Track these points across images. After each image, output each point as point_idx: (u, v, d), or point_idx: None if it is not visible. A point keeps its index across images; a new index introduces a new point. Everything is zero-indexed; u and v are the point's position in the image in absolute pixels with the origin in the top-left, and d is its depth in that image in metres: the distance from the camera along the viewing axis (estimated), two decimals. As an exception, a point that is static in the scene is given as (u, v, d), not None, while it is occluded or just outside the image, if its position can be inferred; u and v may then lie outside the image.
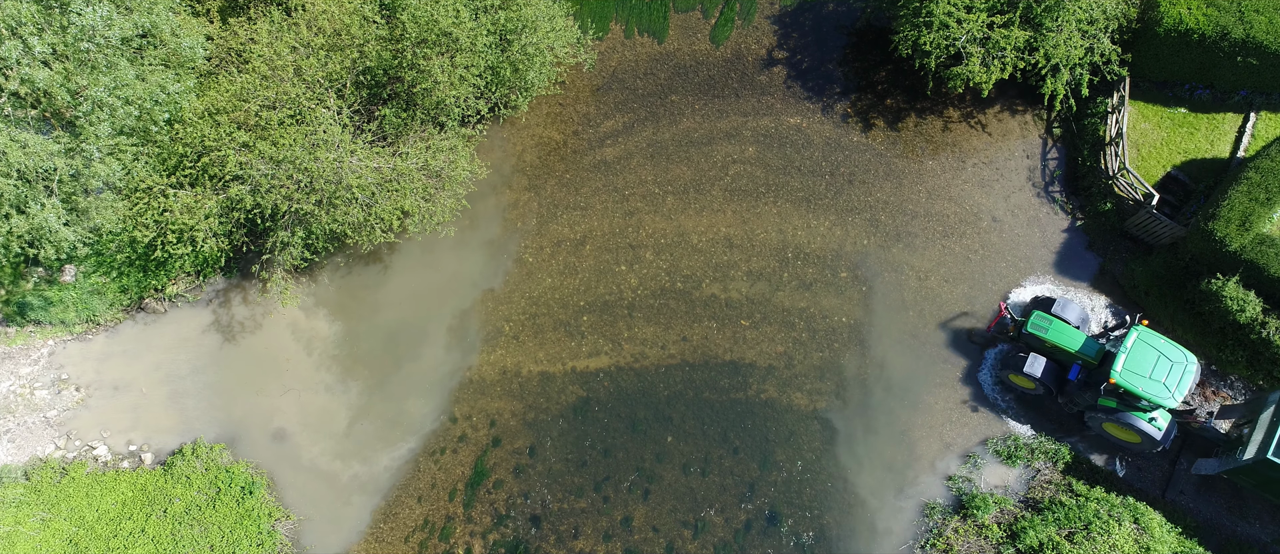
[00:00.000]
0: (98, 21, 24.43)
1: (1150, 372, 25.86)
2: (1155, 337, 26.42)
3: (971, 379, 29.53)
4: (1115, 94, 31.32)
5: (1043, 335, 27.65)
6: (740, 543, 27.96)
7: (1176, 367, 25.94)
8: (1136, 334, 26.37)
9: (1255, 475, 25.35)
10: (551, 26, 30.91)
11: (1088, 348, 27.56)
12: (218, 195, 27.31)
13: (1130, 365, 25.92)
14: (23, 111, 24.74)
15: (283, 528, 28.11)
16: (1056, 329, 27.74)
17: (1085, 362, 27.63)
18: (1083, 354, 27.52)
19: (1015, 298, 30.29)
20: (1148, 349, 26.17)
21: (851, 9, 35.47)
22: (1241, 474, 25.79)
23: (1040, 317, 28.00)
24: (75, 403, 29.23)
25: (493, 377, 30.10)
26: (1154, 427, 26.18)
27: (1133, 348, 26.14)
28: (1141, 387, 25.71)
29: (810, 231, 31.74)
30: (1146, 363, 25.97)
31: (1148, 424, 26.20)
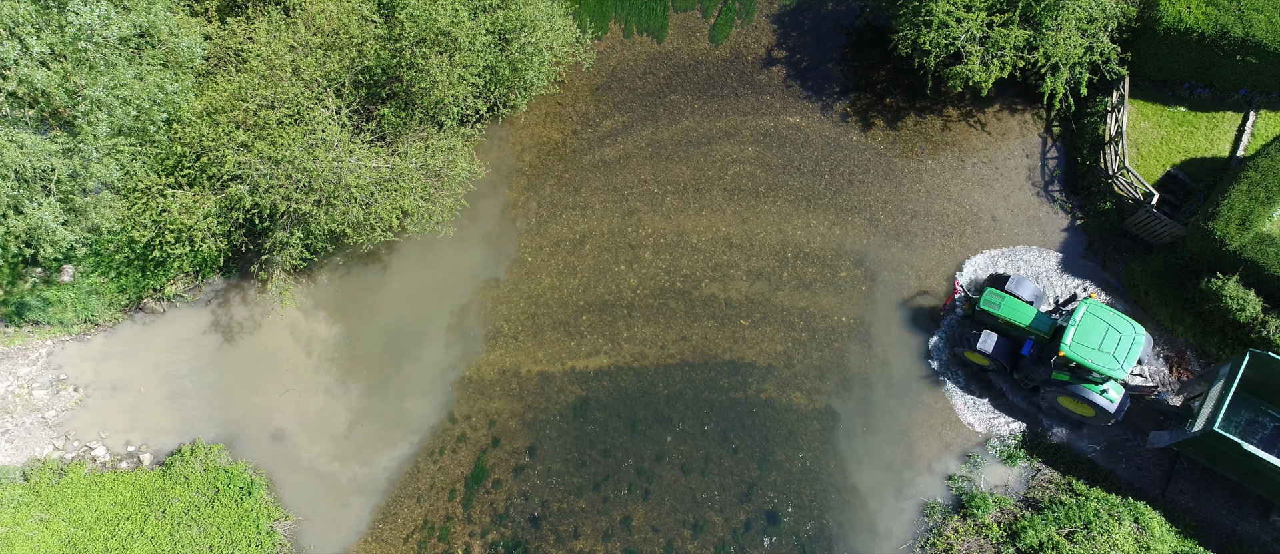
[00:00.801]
0: (95, 21, 24.37)
1: (1099, 344, 25.97)
2: (1104, 309, 26.56)
3: (975, 379, 29.53)
4: (1115, 93, 31.30)
5: (995, 311, 27.86)
6: (739, 543, 27.92)
7: (1125, 338, 26.07)
8: (1085, 307, 26.53)
9: (1203, 448, 25.55)
10: (550, 26, 30.86)
11: (1039, 323, 27.72)
12: (216, 195, 27.26)
13: (1079, 338, 26.07)
14: (20, 111, 24.67)
15: (282, 528, 28.06)
16: (1008, 305, 27.92)
17: (1038, 336, 27.85)
18: (1035, 329, 27.70)
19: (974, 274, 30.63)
20: (1097, 322, 26.34)
21: (850, 8, 35.44)
22: (1190, 447, 25.96)
23: (993, 293, 28.21)
24: (73, 403, 29.17)
25: (492, 377, 30.06)
26: (1106, 399, 26.36)
27: (1082, 321, 26.29)
28: (1091, 358, 25.87)
29: (810, 231, 31.71)
30: (1095, 335, 26.09)
31: (1100, 397, 26.37)
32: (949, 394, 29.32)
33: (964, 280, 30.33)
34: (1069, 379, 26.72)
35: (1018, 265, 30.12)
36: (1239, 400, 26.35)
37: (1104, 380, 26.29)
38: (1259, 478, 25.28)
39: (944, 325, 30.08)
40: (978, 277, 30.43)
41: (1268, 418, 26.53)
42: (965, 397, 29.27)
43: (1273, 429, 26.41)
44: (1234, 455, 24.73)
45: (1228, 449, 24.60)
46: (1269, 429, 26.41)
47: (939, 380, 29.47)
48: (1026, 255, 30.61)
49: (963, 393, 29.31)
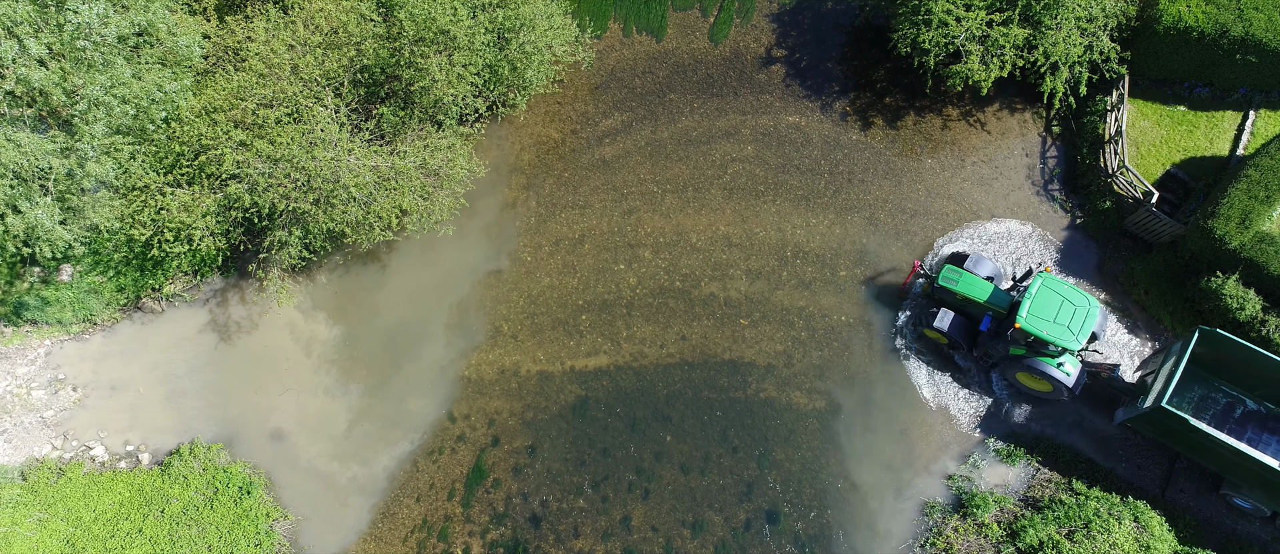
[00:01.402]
0: (94, 20, 24.32)
1: (1054, 316, 26.34)
2: (1059, 282, 26.92)
3: (940, 357, 29.52)
4: (1114, 92, 31.28)
5: (953, 288, 28.18)
6: (739, 542, 27.90)
7: (1080, 310, 26.43)
8: (1041, 280, 26.89)
9: (1154, 423, 25.82)
10: (550, 25, 30.82)
11: (997, 298, 28.05)
12: (215, 194, 27.22)
13: (1035, 310, 26.46)
14: (18, 110, 24.61)
15: (281, 528, 28.02)
16: (966, 281, 28.24)
17: (995, 312, 28.14)
18: (992, 305, 28.02)
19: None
20: (1052, 294, 26.72)
21: (850, 7, 35.40)
22: (1142, 422, 26.25)
23: (951, 270, 28.54)
24: (72, 403, 29.12)
25: (491, 376, 30.02)
26: (1062, 373, 26.68)
27: (1037, 293, 26.68)
28: (1046, 330, 26.23)
29: (809, 230, 31.68)
30: (1051, 308, 26.46)
31: (1057, 370, 26.69)
32: (912, 372, 29.56)
33: (925, 259, 30.77)
34: (1026, 353, 27.14)
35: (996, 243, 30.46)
36: (1193, 377, 26.82)
37: (1060, 353, 26.67)
38: (1209, 453, 25.49)
39: (906, 302, 30.43)
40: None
41: (1220, 394, 26.89)
42: (927, 373, 29.58)
43: (1224, 405, 26.79)
44: (1183, 431, 24.93)
45: (1176, 425, 24.84)
46: (1221, 405, 26.80)
47: (905, 357, 29.69)
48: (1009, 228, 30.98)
49: (928, 370, 29.60)
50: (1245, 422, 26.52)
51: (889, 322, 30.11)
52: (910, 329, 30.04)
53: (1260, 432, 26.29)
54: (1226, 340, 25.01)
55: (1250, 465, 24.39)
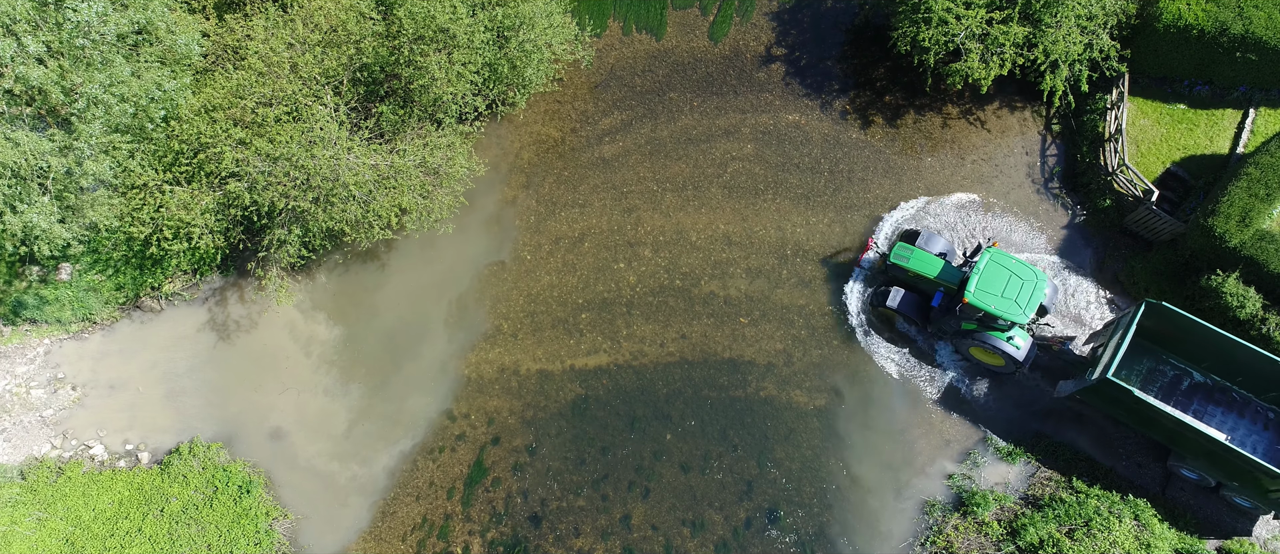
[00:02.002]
0: (93, 18, 24.29)
1: (1002, 290, 26.72)
2: (1007, 257, 27.20)
3: (975, 376, 29.50)
4: (1114, 90, 31.26)
5: (904, 265, 28.53)
6: (740, 541, 27.88)
7: (1027, 284, 26.77)
8: (989, 255, 27.21)
9: (1101, 395, 26.11)
10: (549, 23, 30.78)
11: (947, 275, 28.34)
12: (214, 192, 27.19)
13: (983, 285, 26.82)
14: (17, 109, 24.58)
15: (280, 527, 28.00)
16: (917, 258, 28.56)
17: (946, 288, 28.45)
18: (943, 281, 28.33)
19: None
20: (999, 269, 27.03)
21: (850, 6, 35.37)
22: (1090, 395, 26.51)
23: (902, 247, 28.86)
24: (71, 402, 29.08)
25: (491, 375, 29.99)
26: (1012, 346, 27.22)
27: (985, 268, 27.01)
28: (993, 304, 26.60)
29: (809, 229, 31.65)
30: (998, 282, 26.81)
31: (1007, 344, 27.21)
32: (870, 347, 29.86)
33: (880, 237, 31.04)
34: (977, 328, 27.49)
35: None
36: (1140, 351, 27.25)
37: (1010, 327, 27.05)
38: (1154, 425, 25.95)
39: (857, 278, 30.78)
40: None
41: (1168, 367, 27.32)
42: (886, 348, 29.90)
43: (1172, 377, 27.22)
44: (1129, 403, 25.34)
45: (1122, 397, 25.23)
46: (1168, 378, 27.24)
47: (867, 333, 30.03)
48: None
49: (885, 345, 29.94)
50: (1191, 394, 27.01)
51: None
52: (866, 305, 30.38)
53: (1206, 403, 26.84)
54: (1172, 313, 25.44)
55: (1194, 437, 24.94)
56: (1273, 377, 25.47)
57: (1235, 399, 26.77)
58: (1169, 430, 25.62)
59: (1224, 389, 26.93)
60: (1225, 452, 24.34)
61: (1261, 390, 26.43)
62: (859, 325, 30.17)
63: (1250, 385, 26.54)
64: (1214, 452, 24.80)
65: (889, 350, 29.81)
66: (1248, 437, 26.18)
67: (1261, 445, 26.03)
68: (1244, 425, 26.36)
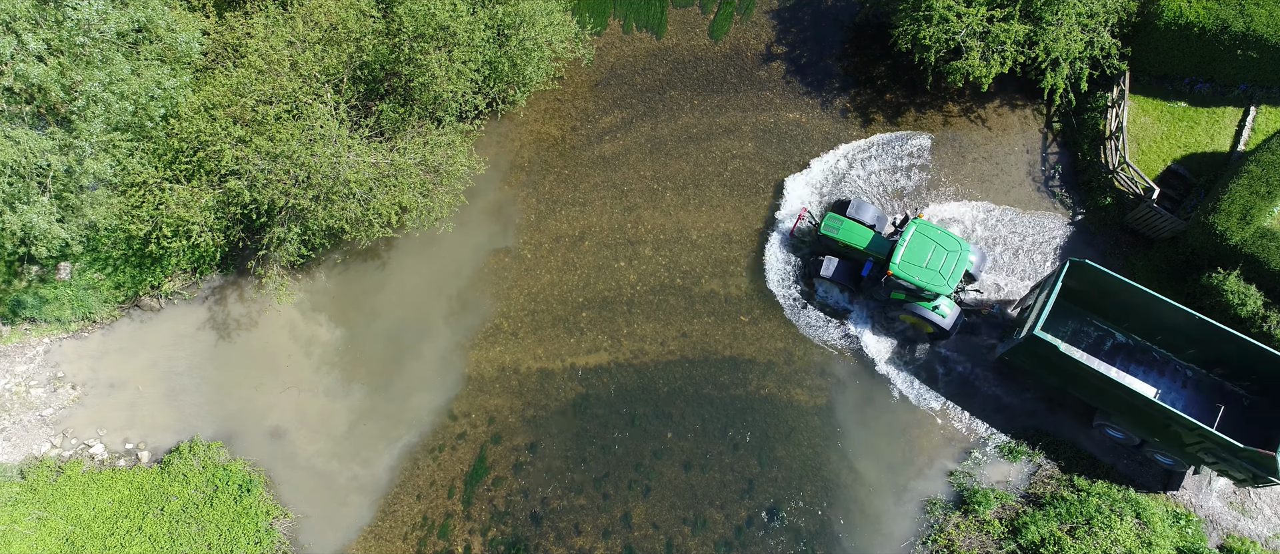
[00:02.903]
0: (93, 16, 24.26)
1: (926, 261, 27.28)
2: (932, 228, 27.72)
3: (977, 376, 29.48)
4: (1115, 88, 31.24)
5: (835, 235, 29.05)
6: (741, 539, 27.85)
7: (951, 255, 27.36)
8: (914, 227, 27.69)
9: (1029, 354, 26.63)
10: (549, 21, 30.74)
11: (876, 245, 28.79)
12: (214, 190, 27.14)
13: (908, 256, 27.39)
14: (16, 107, 24.53)
15: (281, 526, 27.95)
16: (847, 228, 29.06)
17: (876, 258, 28.85)
18: (872, 251, 28.80)
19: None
20: (925, 240, 27.57)
21: (850, 4, 35.33)
22: (1019, 354, 27.02)
23: (833, 217, 29.38)
24: (71, 401, 29.03)
25: (492, 373, 29.96)
26: (939, 315, 27.92)
27: (910, 240, 27.55)
28: (918, 276, 27.21)
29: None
30: (923, 253, 27.38)
31: (933, 313, 27.88)
32: (802, 314, 30.23)
33: (814, 207, 31.46)
34: (905, 298, 27.92)
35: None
36: (1066, 312, 28.05)
37: (936, 297, 27.48)
38: (1079, 383, 26.55)
39: (792, 245, 31.12)
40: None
41: (1091, 328, 28.15)
42: (817, 317, 30.30)
43: (1096, 338, 28.07)
44: (1054, 360, 25.95)
45: (1048, 354, 25.81)
46: (1092, 338, 28.10)
47: (802, 305, 30.37)
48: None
49: (817, 313, 30.36)
50: (1114, 354, 27.93)
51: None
52: (800, 275, 30.71)
53: (1128, 363, 27.75)
54: (1095, 271, 26.04)
55: (1117, 393, 25.56)
56: (1190, 335, 26.23)
57: (1155, 359, 27.71)
58: (1094, 388, 26.29)
59: (1145, 349, 27.84)
60: (1147, 407, 25.08)
61: (1179, 350, 27.35)
62: (784, 294, 30.61)
63: (1169, 345, 27.45)
64: (1137, 408, 25.57)
65: (821, 320, 30.33)
66: (1167, 394, 27.30)
67: (1180, 402, 27.09)
68: (1164, 384, 27.41)
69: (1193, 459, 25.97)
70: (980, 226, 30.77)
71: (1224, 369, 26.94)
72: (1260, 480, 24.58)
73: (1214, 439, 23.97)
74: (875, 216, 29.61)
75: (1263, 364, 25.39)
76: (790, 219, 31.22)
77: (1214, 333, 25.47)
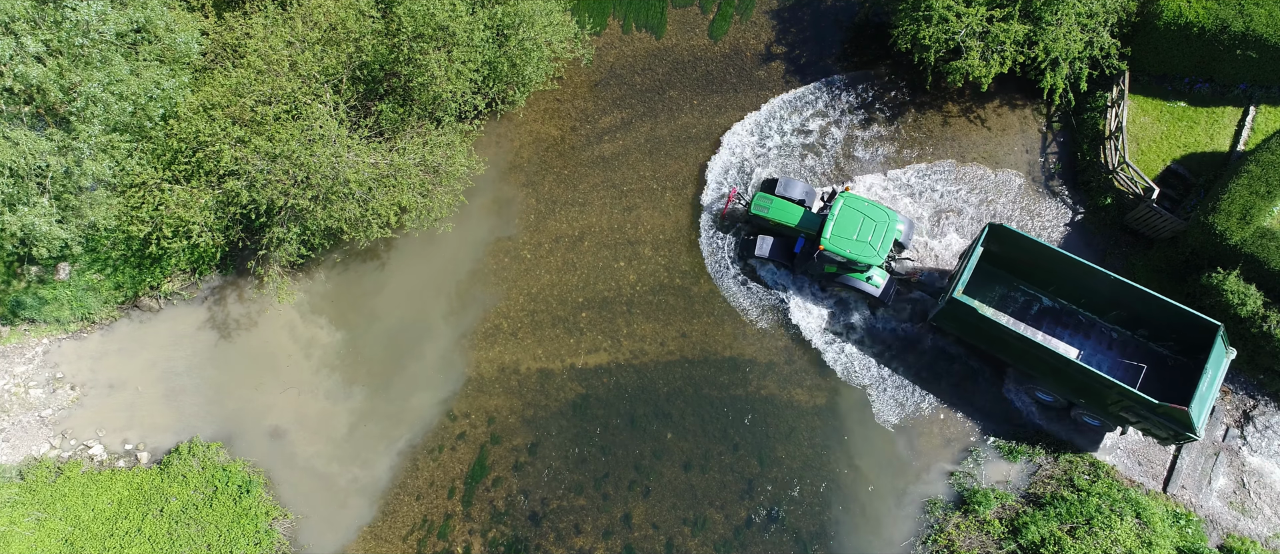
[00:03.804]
0: (93, 17, 24.21)
1: (856, 234, 27.86)
2: (860, 201, 28.38)
3: (976, 375, 29.49)
4: (1115, 88, 31.24)
5: (766, 214, 29.49)
6: (741, 540, 27.84)
7: (880, 226, 27.98)
8: (843, 201, 28.29)
9: (955, 319, 27.34)
10: (549, 21, 30.72)
11: (807, 221, 29.31)
12: (213, 190, 27.11)
13: (837, 230, 28.01)
14: (15, 107, 24.49)
15: (280, 526, 27.93)
16: (777, 207, 29.55)
17: (807, 234, 29.34)
18: (804, 227, 29.30)
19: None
20: (853, 213, 28.21)
21: (850, 4, 35.32)
22: (945, 319, 27.74)
23: (763, 196, 29.82)
24: (70, 401, 29.00)
25: (492, 374, 29.94)
26: (871, 285, 28.76)
27: (839, 214, 28.15)
28: (848, 249, 27.82)
29: (809, 227, 31.61)
30: (852, 226, 27.99)
31: (866, 283, 28.74)
32: (733, 294, 30.69)
33: (742, 187, 31.82)
34: (837, 271, 28.40)
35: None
36: (993, 278, 28.75)
37: (868, 267, 27.94)
38: (1003, 346, 27.36)
39: (727, 228, 31.48)
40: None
41: (1018, 293, 28.83)
42: (753, 292, 30.83)
43: (1022, 303, 28.73)
44: (976, 323, 26.87)
45: (969, 317, 26.75)
46: (1019, 303, 28.75)
47: (742, 282, 30.69)
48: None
49: (752, 289, 30.85)
50: (1041, 318, 28.58)
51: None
52: (736, 254, 31.05)
53: (1055, 326, 28.41)
54: (1013, 234, 26.83)
55: (1039, 355, 26.26)
56: (1111, 297, 26.99)
57: (1082, 321, 28.36)
58: (1018, 351, 26.93)
59: (1071, 312, 28.48)
60: (1066, 367, 25.73)
61: (1103, 311, 27.98)
62: (740, 271, 31.00)
63: (1093, 308, 28.10)
64: (1060, 370, 26.03)
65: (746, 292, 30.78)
66: (1093, 356, 27.90)
67: (1106, 363, 27.73)
68: (1090, 345, 28.09)
69: (1117, 419, 26.73)
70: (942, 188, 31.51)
71: (1147, 330, 27.55)
72: (1181, 438, 25.51)
73: (1132, 397, 24.84)
74: (804, 192, 30.11)
75: (1183, 323, 26.09)
76: (721, 202, 31.70)
77: (1132, 293, 26.34)
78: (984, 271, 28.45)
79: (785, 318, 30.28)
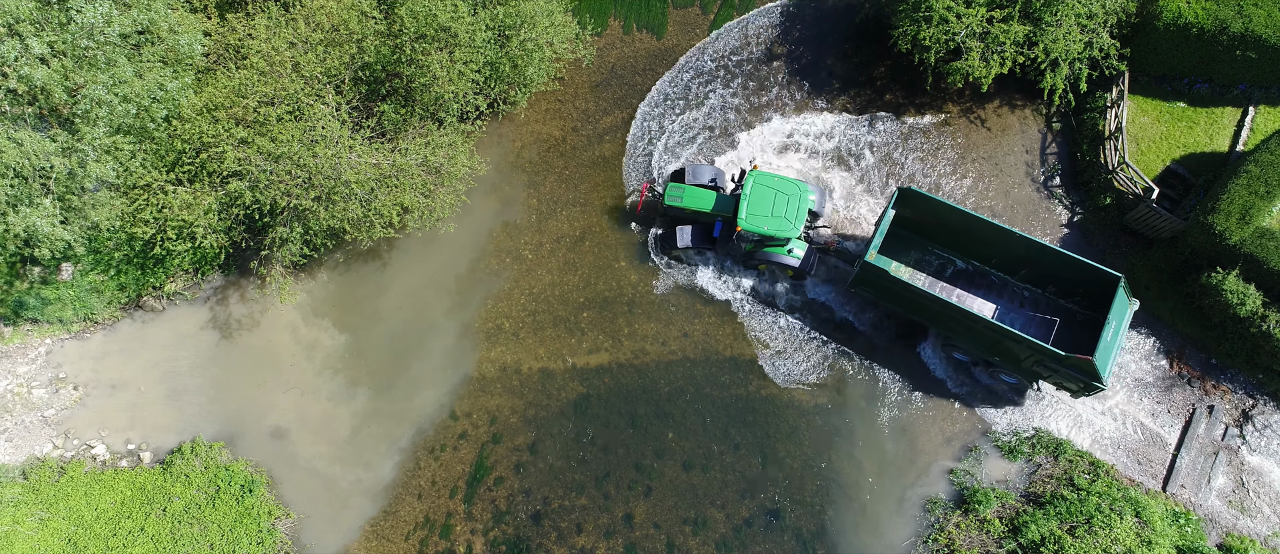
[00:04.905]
0: (98, 19, 24.28)
1: (770, 210, 28.36)
2: (770, 177, 28.89)
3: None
4: (1114, 88, 31.34)
5: (680, 204, 29.82)
6: (742, 539, 27.92)
7: (793, 199, 28.56)
8: (753, 179, 28.70)
9: (870, 283, 27.93)
10: (550, 22, 30.80)
11: (720, 205, 29.67)
12: (216, 191, 27.18)
13: (752, 209, 28.47)
14: (19, 109, 24.56)
15: (282, 526, 28.00)
16: (690, 195, 29.89)
17: (723, 217, 29.70)
18: (718, 211, 29.64)
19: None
20: (765, 190, 28.68)
21: (850, 4, 35.40)
22: (862, 285, 28.66)
23: (674, 188, 30.10)
24: (73, 401, 29.07)
25: (493, 374, 30.01)
26: (792, 257, 29.26)
27: (751, 193, 28.62)
28: (766, 226, 28.27)
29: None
30: (766, 203, 28.48)
31: (786, 256, 29.21)
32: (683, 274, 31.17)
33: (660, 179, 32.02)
34: (755, 247, 29.33)
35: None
36: (909, 243, 29.59)
37: (786, 240, 28.18)
38: (918, 308, 28.08)
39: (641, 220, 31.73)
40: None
41: (934, 256, 29.76)
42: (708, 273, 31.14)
43: (937, 266, 29.71)
44: (889, 285, 27.62)
45: (882, 279, 27.45)
46: (934, 266, 29.72)
47: (667, 267, 30.96)
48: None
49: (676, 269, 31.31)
50: (956, 279, 29.52)
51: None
52: (658, 247, 31.28)
53: (970, 287, 29.38)
54: (921, 197, 27.56)
55: (955, 315, 27.09)
56: (1019, 256, 27.86)
57: (994, 281, 29.32)
58: (935, 313, 27.72)
59: (984, 273, 29.41)
60: (974, 324, 26.71)
61: (1015, 271, 28.84)
62: (667, 263, 31.30)
63: (1005, 267, 28.93)
64: (975, 329, 27.02)
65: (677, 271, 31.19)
66: (1006, 314, 28.87)
67: (1019, 321, 28.69)
68: (1003, 304, 29.05)
69: (1031, 375, 27.32)
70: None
71: (1056, 287, 28.46)
72: (1092, 389, 26.23)
73: (1041, 351, 25.55)
74: (713, 175, 30.45)
75: (1088, 278, 26.95)
76: (635, 196, 31.96)
77: (1039, 250, 27.14)
78: (899, 236, 29.18)
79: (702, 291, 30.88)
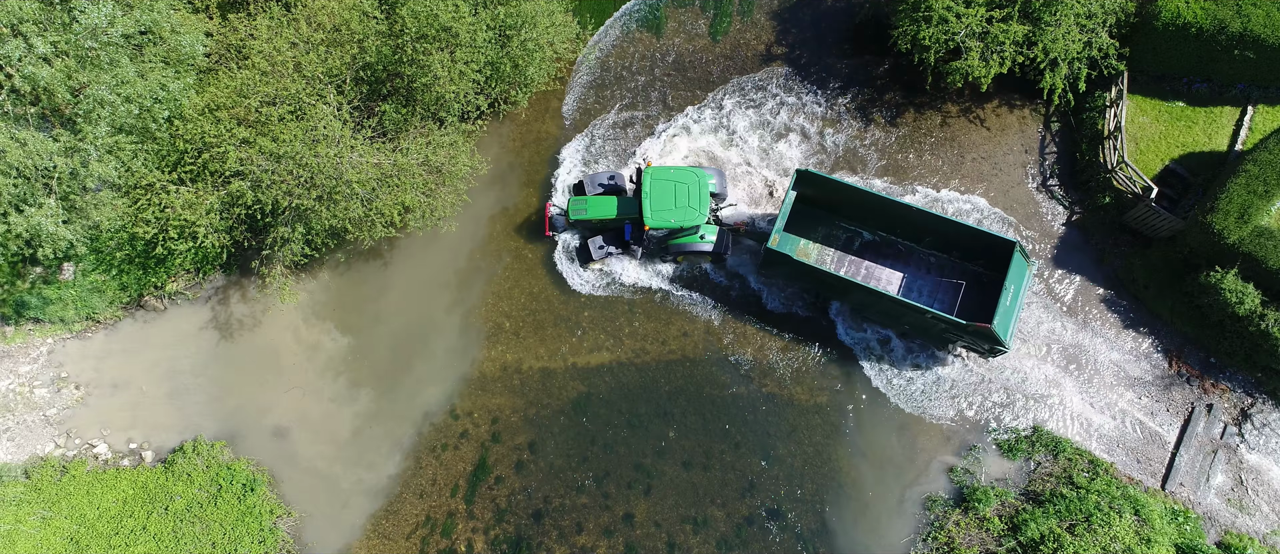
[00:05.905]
0: (101, 20, 24.35)
1: (674, 202, 28.62)
2: (665, 170, 29.33)
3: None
4: (1113, 88, 31.40)
5: (585, 216, 30.00)
6: (742, 538, 27.99)
7: (692, 186, 28.86)
8: (649, 177, 29.02)
9: (776, 265, 28.36)
10: (551, 22, 30.90)
11: (625, 208, 29.93)
12: (218, 191, 27.25)
13: (655, 206, 28.74)
14: (22, 108, 24.63)
15: (284, 525, 28.07)
16: (593, 205, 30.14)
17: (630, 219, 29.94)
18: (624, 214, 29.92)
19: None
20: (664, 184, 29.00)
21: (850, 4, 35.48)
22: (768, 268, 29.25)
23: (576, 201, 30.30)
24: (75, 401, 29.14)
25: (494, 373, 30.09)
26: (705, 243, 29.60)
27: (651, 191, 28.90)
28: (674, 218, 28.61)
29: (810, 226, 31.74)
30: (668, 197, 28.77)
31: (700, 243, 29.61)
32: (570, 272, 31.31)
33: (559, 199, 31.99)
34: (669, 240, 29.81)
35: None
36: (816, 219, 29.97)
37: (696, 228, 29.00)
38: (827, 286, 28.66)
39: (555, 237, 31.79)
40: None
41: (840, 230, 30.20)
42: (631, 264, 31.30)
43: (845, 239, 30.11)
44: (794, 268, 28.17)
45: (785, 263, 27.94)
46: (842, 239, 30.11)
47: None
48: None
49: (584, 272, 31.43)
50: (864, 251, 29.96)
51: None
52: (577, 263, 31.36)
53: (878, 258, 29.80)
54: (819, 177, 28.17)
55: (862, 292, 27.47)
56: (919, 225, 28.55)
57: (901, 250, 29.78)
58: (842, 289, 28.37)
59: (891, 243, 29.89)
60: (884, 300, 27.06)
61: (919, 238, 29.47)
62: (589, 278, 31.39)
63: (910, 235, 29.50)
64: (881, 304, 27.66)
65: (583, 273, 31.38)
66: (914, 281, 29.41)
67: (928, 286, 29.25)
68: (911, 271, 29.55)
69: (944, 341, 27.94)
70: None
71: (959, 252, 29.05)
72: (996, 351, 27.17)
73: (945, 320, 26.30)
74: (610, 176, 30.73)
75: (985, 245, 27.66)
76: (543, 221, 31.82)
77: (934, 220, 27.85)
78: (807, 214, 29.54)
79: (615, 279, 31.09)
